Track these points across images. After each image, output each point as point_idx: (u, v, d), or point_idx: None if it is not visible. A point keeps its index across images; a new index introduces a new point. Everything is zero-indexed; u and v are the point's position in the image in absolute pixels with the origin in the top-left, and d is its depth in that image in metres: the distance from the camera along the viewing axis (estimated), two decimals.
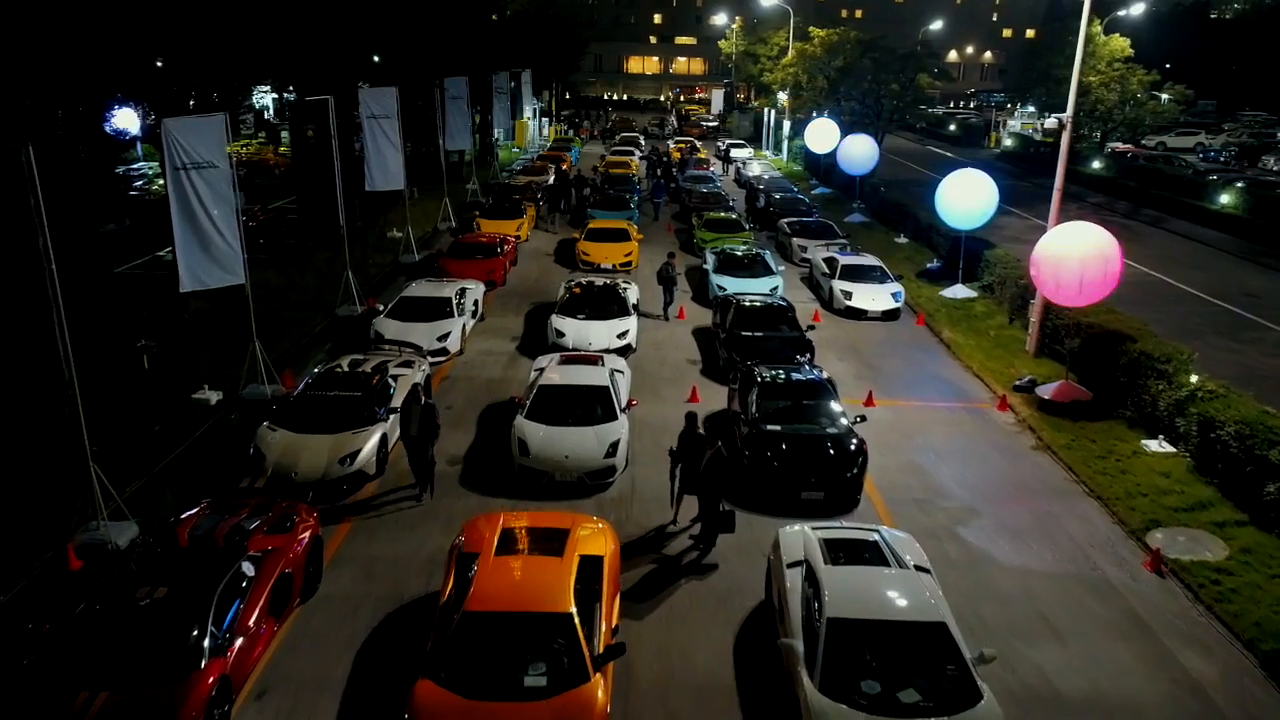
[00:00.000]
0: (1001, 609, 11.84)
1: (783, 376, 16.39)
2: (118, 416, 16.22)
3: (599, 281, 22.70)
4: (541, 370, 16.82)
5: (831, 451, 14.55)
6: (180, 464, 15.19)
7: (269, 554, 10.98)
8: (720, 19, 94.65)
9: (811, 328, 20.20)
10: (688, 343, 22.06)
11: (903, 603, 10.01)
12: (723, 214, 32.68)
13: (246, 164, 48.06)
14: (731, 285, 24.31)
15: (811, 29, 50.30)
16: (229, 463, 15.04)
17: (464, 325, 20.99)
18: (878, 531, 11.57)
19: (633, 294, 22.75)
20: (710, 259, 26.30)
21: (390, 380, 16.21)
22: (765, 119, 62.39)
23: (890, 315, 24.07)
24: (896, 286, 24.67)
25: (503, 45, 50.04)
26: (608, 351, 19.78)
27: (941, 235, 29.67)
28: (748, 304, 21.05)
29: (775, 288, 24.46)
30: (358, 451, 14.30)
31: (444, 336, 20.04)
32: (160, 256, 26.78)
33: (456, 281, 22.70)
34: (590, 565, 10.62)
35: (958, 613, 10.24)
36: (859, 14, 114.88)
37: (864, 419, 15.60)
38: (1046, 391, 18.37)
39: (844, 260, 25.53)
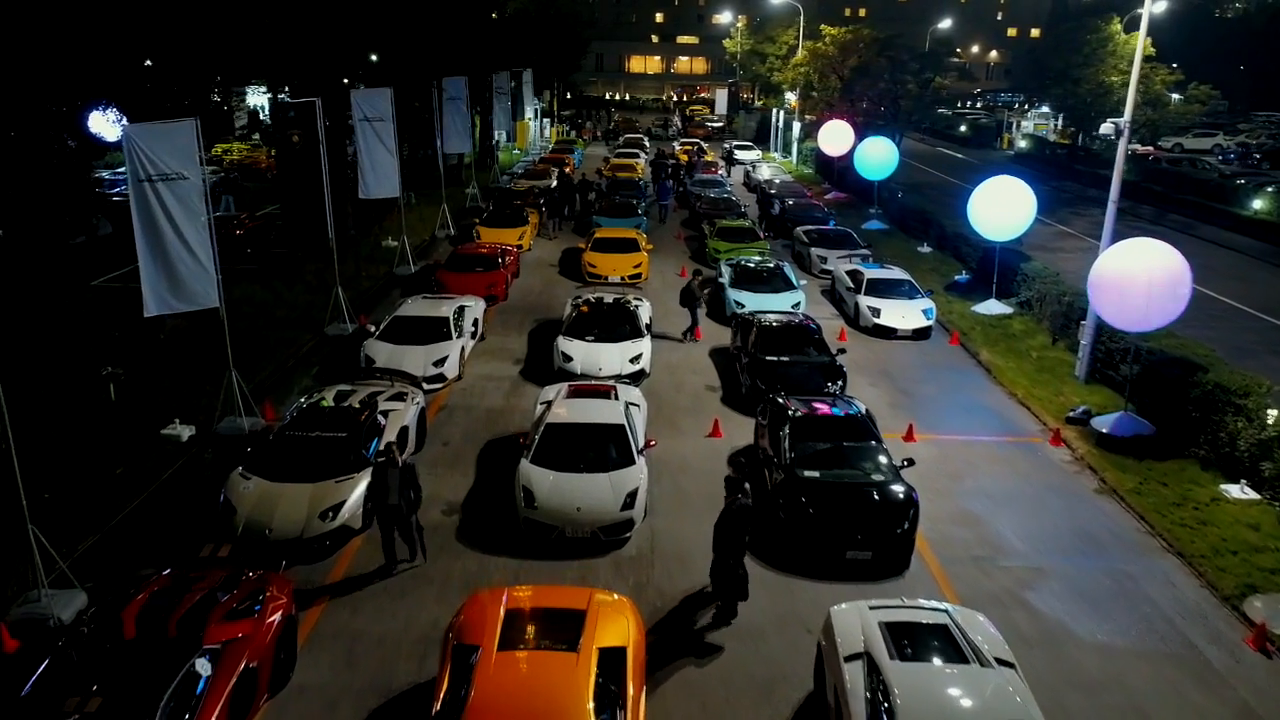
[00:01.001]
0: (1090, 702, 10.13)
1: (818, 412, 14.67)
2: (76, 456, 14.55)
3: (608, 298, 21.02)
4: (548, 404, 15.08)
5: (879, 503, 12.83)
6: (142, 514, 13.47)
7: (230, 645, 9.24)
8: (724, 17, 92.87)
9: (841, 351, 18.51)
10: (705, 366, 20.35)
11: (989, 714, 8.31)
12: (736, 222, 30.95)
13: (237, 167, 46.53)
14: (750, 301, 22.61)
15: (823, 27, 48.58)
16: (198, 512, 13.33)
17: (463, 348, 19.28)
18: (946, 612, 9.83)
19: (645, 311, 21.05)
20: (726, 272, 24.59)
21: (380, 417, 14.50)
22: (773, 120, 60.65)
23: (921, 334, 22.36)
24: (927, 303, 22.94)
25: (503, 44, 48.32)
26: (619, 378, 18.14)
27: (970, 245, 27.96)
28: (770, 324, 19.35)
29: (797, 304, 22.77)
30: (341, 504, 12.59)
31: (440, 361, 18.33)
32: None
33: (454, 298, 20.99)
34: (611, 660, 8.92)
35: (1040, 706, 8.50)
36: (863, 13, 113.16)
37: (911, 463, 13.82)
38: (1104, 424, 16.65)
39: (870, 274, 23.81)
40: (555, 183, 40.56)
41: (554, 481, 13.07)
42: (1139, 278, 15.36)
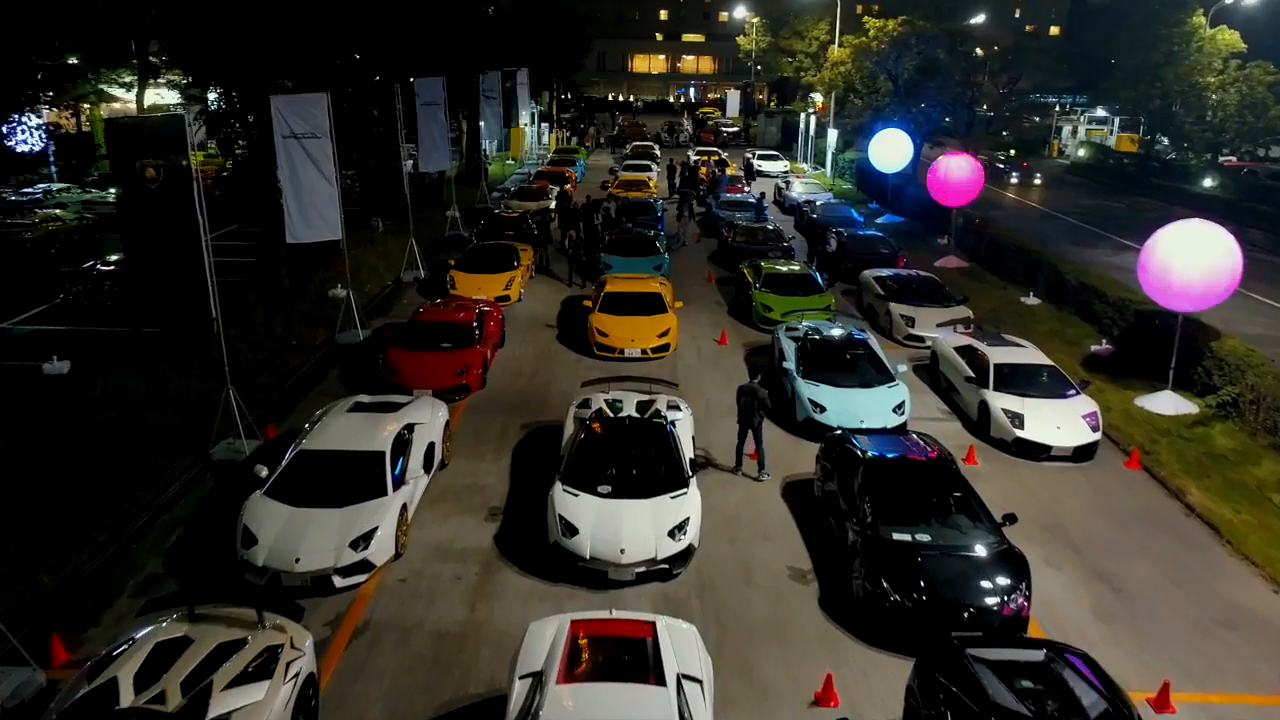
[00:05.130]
0: None
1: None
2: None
3: (630, 406, 14.07)
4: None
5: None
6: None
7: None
8: (737, 13, 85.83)
9: (1009, 519, 11.44)
10: (779, 520, 13.28)
11: None
12: (787, 265, 23.86)
13: None
14: (835, 404, 15.63)
15: (867, 19, 41.54)
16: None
17: (404, 506, 12.23)
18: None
19: (686, 430, 14.04)
20: (787, 348, 17.52)
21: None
22: (802, 125, 53.51)
23: (1084, 453, 15.34)
24: (1088, 404, 15.85)
25: (493, 39, 41.27)
26: (651, 564, 11.26)
27: (1107, 301, 20.94)
28: (886, 460, 12.35)
29: (900, 406, 15.77)
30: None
31: (364, 539, 11.28)
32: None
33: (402, 407, 13.92)
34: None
35: None
36: (876, 10, 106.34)
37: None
38: None
39: (997, 356, 16.75)
40: (554, 203, 33.61)
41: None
42: None
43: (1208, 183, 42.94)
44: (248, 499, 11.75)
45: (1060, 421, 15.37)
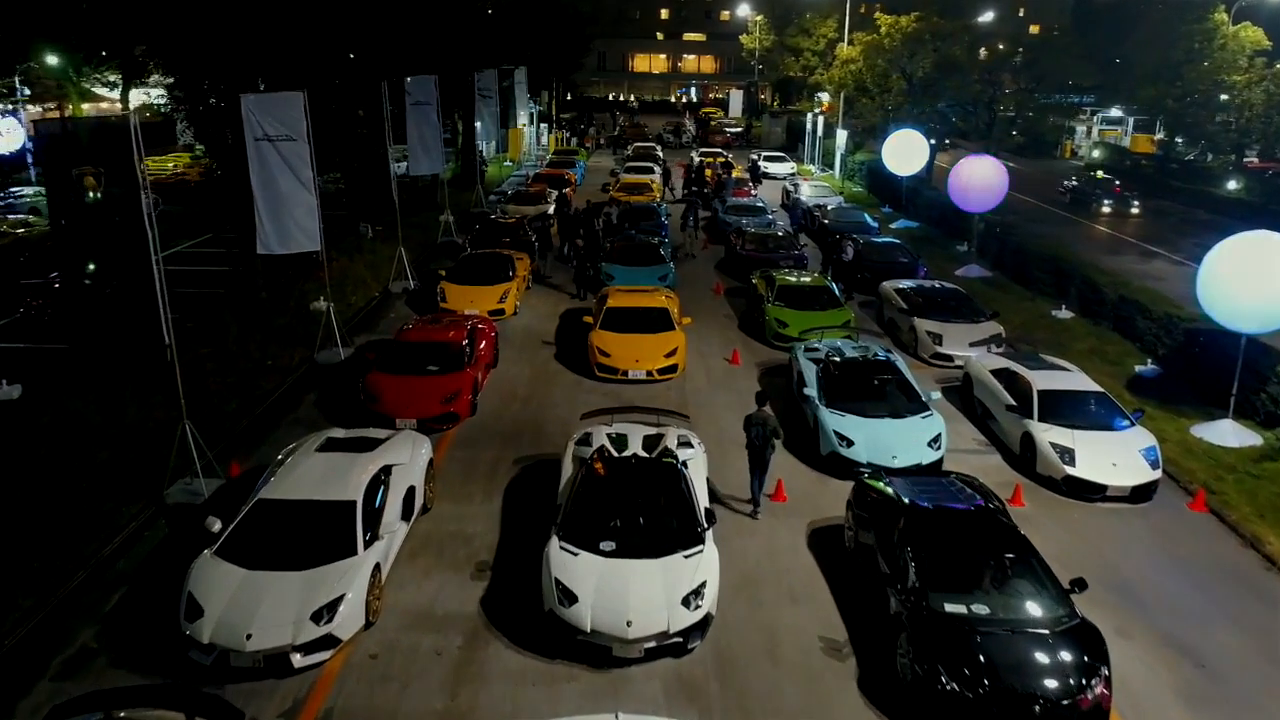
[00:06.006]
0: None
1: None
2: None
3: (637, 443, 12.49)
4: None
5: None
6: None
7: None
8: (742, 10, 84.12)
9: (1080, 585, 9.87)
10: (806, 575, 11.65)
11: None
12: (802, 277, 22.25)
13: (166, 184, 37.58)
14: (864, 438, 14.02)
15: (878, 15, 39.92)
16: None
17: (377, 566, 10.62)
18: None
19: (699, 471, 12.46)
20: (809, 374, 15.91)
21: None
22: (808, 126, 51.89)
23: (1143, 493, 13.74)
24: (1145, 436, 14.21)
25: (490, 37, 39.65)
26: (663, 638, 9.66)
27: (1150, 318, 19.35)
28: (932, 513, 10.73)
29: (936, 439, 14.17)
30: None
31: (328, 610, 9.64)
32: None
33: (378, 449, 12.29)
34: None
35: None
36: (879, 7, 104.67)
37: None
38: None
39: (1041, 382, 15.12)
40: (553, 208, 32.00)
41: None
42: None
43: (1232, 185, 41.32)
44: (195, 560, 10.16)
45: (1116, 457, 13.75)
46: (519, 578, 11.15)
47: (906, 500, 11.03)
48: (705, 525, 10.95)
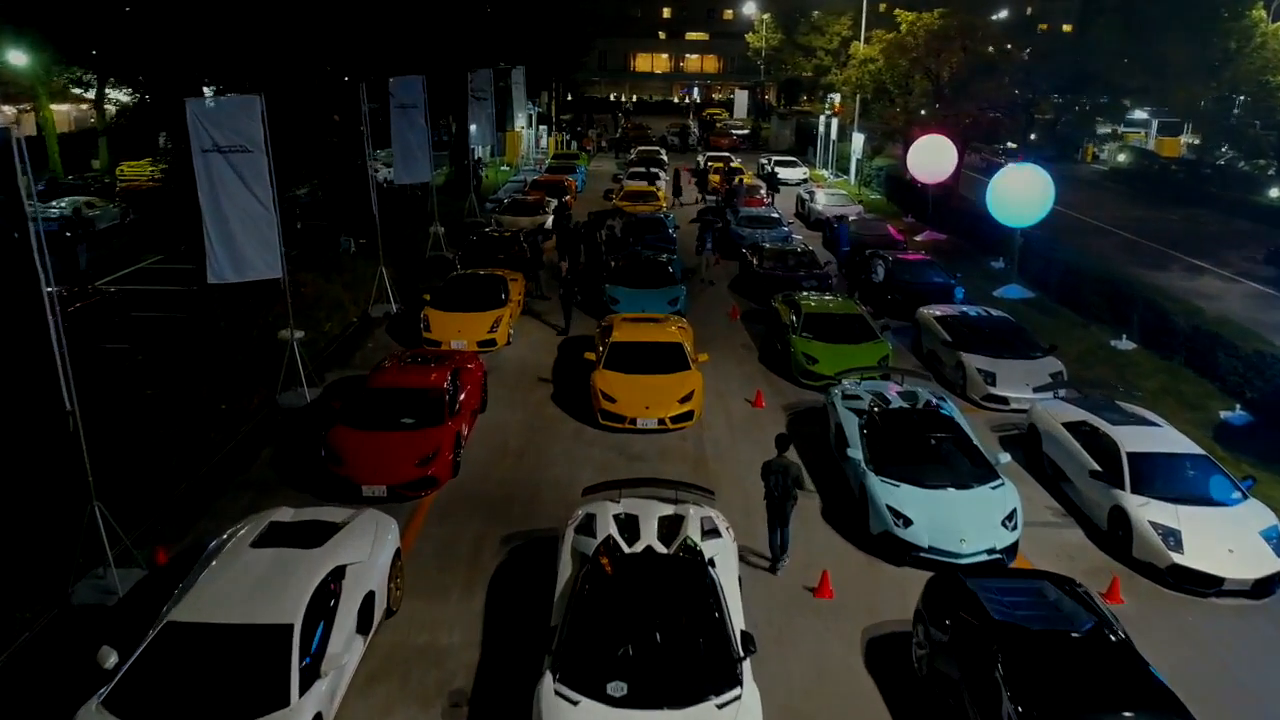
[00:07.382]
0: None
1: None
2: None
3: (651, 534, 10.07)
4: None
5: None
6: None
7: None
8: (746, 9, 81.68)
9: None
10: (867, 707, 9.24)
11: None
12: (830, 302, 19.79)
13: (133, 193, 35.01)
14: (923, 515, 11.55)
15: (898, 12, 37.46)
16: None
17: (318, 715, 8.17)
18: None
19: (729, 569, 9.98)
20: (850, 428, 13.47)
21: None
22: (820, 129, 49.41)
23: (1267, 586, 11.29)
24: (1264, 514, 11.77)
25: (485, 34, 37.20)
26: None
27: (1239, 356, 16.89)
28: (1038, 638, 8.30)
29: (1011, 517, 11.73)
30: None
31: None
32: None
33: (330, 541, 9.81)
34: None
35: None
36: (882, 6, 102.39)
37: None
38: None
39: (1131, 443, 12.67)
40: (552, 219, 29.60)
41: None
42: None
43: (1274, 193, 38.87)
44: (77, 714, 7.72)
45: (1231, 540, 11.32)
46: (503, 716, 8.72)
47: (996, 614, 8.64)
48: (741, 654, 8.51)
